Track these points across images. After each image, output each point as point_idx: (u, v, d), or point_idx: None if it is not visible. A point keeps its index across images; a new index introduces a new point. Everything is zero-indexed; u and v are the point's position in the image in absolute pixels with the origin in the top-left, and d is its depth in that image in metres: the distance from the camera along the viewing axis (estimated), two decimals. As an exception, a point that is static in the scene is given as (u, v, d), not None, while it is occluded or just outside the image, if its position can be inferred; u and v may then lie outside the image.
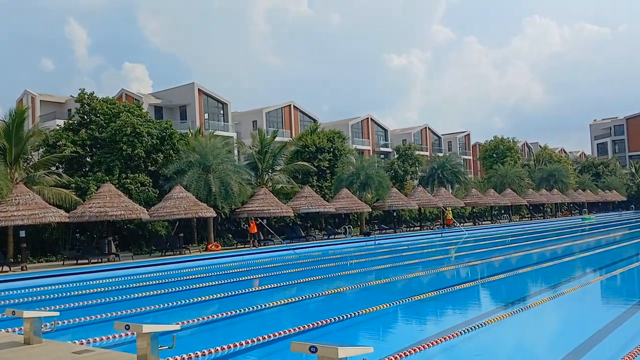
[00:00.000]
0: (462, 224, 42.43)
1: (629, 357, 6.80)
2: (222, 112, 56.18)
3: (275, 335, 8.82)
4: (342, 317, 10.12)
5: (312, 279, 16.79)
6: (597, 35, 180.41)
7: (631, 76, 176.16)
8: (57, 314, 8.20)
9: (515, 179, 54.78)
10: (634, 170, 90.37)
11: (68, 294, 15.36)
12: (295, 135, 52.97)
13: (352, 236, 33.48)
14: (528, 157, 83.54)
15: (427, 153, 79.04)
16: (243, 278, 18.18)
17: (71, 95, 34.55)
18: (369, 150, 74.01)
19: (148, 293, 14.56)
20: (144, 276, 18.64)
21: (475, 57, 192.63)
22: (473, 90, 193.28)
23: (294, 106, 65.99)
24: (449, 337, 8.38)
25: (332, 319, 9.92)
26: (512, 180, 54.31)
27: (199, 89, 53.17)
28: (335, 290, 14.10)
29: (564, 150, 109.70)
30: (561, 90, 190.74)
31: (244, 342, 8.31)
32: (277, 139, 38.67)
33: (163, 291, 14.77)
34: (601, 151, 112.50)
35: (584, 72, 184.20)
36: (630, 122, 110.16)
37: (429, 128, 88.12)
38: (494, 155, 66.10)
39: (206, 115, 53.83)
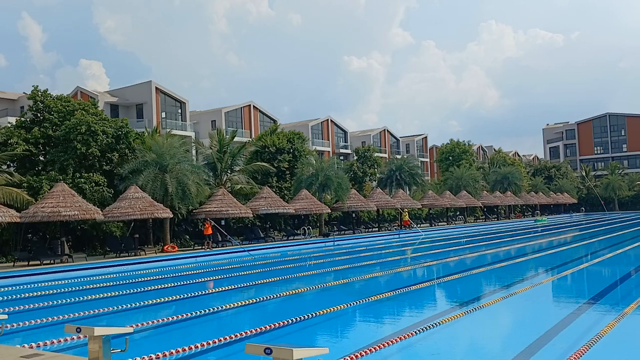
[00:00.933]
0: (418, 225, 43.03)
1: (576, 356, 7.01)
2: (180, 111, 55.45)
3: (232, 338, 8.74)
4: (301, 318, 10.12)
5: (270, 280, 16.74)
6: (551, 42, 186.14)
7: (582, 82, 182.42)
8: (5, 317, 7.91)
9: (470, 181, 55.96)
10: (584, 174, 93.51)
11: (18, 296, 14.86)
12: (254, 136, 52.75)
13: (311, 237, 33.53)
14: (483, 160, 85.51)
15: (386, 155, 79.92)
16: (199, 280, 17.96)
17: (24, 92, 33.46)
18: (329, 151, 74.35)
19: (102, 295, 14.23)
20: (97, 278, 18.20)
21: (433, 61, 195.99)
22: (431, 93, 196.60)
23: (253, 106, 65.70)
24: (405, 336, 8.47)
25: (291, 320, 9.90)
26: (467, 183, 55.46)
27: (156, 88, 52.29)
28: (294, 292, 14.09)
29: (517, 154, 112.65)
30: (515, 95, 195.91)
31: (199, 345, 8.20)
32: (236, 139, 38.44)
33: (117, 293, 14.45)
34: (553, 155, 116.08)
35: (538, 77, 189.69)
36: (581, 126, 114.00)
37: (387, 130, 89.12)
38: (450, 158, 67.37)
39: (163, 114, 53.00)
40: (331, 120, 77.92)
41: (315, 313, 10.53)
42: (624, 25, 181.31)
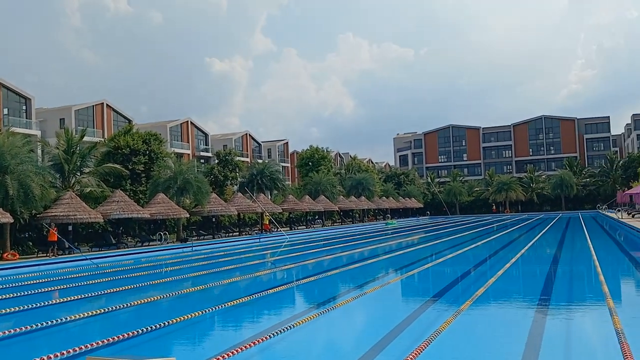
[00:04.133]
0: (278, 229, 43.52)
1: (417, 352, 7.53)
2: (24, 107, 50.96)
3: (79, 350, 8.20)
4: (154, 327, 9.76)
5: (122, 288, 15.92)
6: (402, 56, 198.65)
7: (429, 95, 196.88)
8: None
9: (328, 187, 57.91)
10: (429, 180, 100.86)
11: None
12: (108, 136, 49.98)
13: (168, 243, 32.45)
14: (340, 166, 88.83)
15: (248, 159, 79.88)
16: (44, 289, 16.58)
17: None
18: (189, 154, 72.63)
19: None
20: None
21: (294, 69, 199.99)
22: (293, 100, 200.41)
23: (107, 105, 62.24)
24: (262, 339, 8.53)
25: (144, 329, 9.51)
26: (325, 188, 57.31)
27: (-4, 81, 47.61)
28: (148, 300, 13.53)
29: (371, 161, 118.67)
30: (370, 105, 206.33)
31: (45, 358, 7.58)
32: (86, 138, 36.17)
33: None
34: (403, 162, 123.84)
35: (390, 89, 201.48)
36: (427, 137, 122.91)
37: (249, 135, 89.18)
38: (310, 163, 69.18)
39: (5, 111, 48.42)
40: (191, 122, 76.21)
41: (171, 321, 10.22)
42: (466, 43, 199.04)
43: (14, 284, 17.51)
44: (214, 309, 11.75)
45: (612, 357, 7.08)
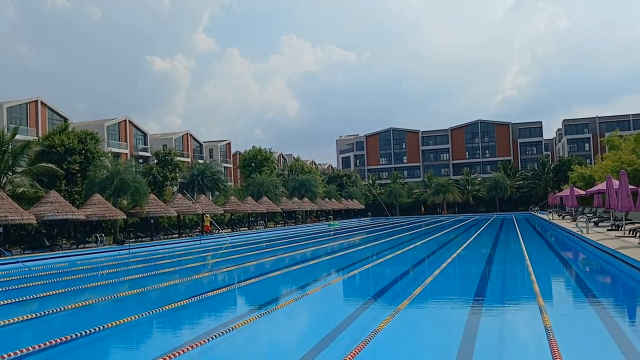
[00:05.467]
0: (219, 231, 43.07)
1: (356, 351, 7.68)
2: (-53, 103, 48.30)
3: (11, 355, 7.90)
4: (90, 331, 9.50)
5: (56, 292, 15.38)
6: (345, 60, 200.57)
7: (371, 99, 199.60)
8: None
9: (271, 188, 57.78)
10: (371, 182, 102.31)
11: None
12: (42, 135, 48.06)
13: (104, 245, 31.52)
14: (283, 167, 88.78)
15: (189, 159, 78.62)
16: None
17: None
18: (127, 154, 70.81)
19: None
20: None
21: (237, 70, 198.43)
22: (236, 100, 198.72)
23: (41, 102, 59.85)
24: (203, 342, 8.46)
25: (79, 334, 9.25)
26: (268, 189, 57.16)
27: None
28: (83, 304, 13.15)
29: (314, 162, 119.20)
30: (313, 107, 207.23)
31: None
32: (18, 137, 34.70)
33: None
34: (345, 164, 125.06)
35: (333, 91, 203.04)
36: (369, 139, 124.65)
37: (190, 134, 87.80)
38: (253, 164, 68.83)
39: None
40: (129, 121, 74.34)
41: (107, 325, 9.98)
42: (408, 49, 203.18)
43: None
44: (152, 312, 11.55)
45: (542, 354, 7.43)
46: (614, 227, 26.62)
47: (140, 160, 71.35)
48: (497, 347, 8.31)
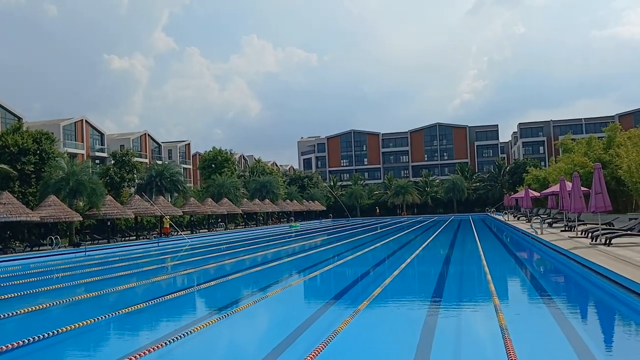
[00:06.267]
0: (179, 233, 42.50)
1: (316, 352, 7.72)
2: None
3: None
4: (44, 335, 9.26)
5: (9, 296, 14.92)
6: (306, 61, 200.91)
7: (332, 100, 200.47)
8: None
9: (232, 189, 57.33)
10: (332, 184, 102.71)
11: None
12: (-8, 134, 46.44)
13: (59, 247, 30.71)
14: (244, 168, 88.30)
15: (147, 160, 77.38)
16: None
17: None
18: (83, 154, 69.21)
19: None
20: None
21: (197, 69, 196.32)
22: (195, 100, 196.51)
23: (-8, 101, 57.92)
24: (160, 345, 8.35)
25: (33, 338, 9.00)
26: (228, 190, 56.69)
27: None
28: (37, 307, 12.79)
29: (275, 164, 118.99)
30: (275, 108, 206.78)
31: None
32: (-33, 136, 33.43)
33: None
34: (307, 166, 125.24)
35: (295, 93, 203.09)
36: (330, 141, 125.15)
37: (149, 134, 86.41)
38: (213, 165, 68.15)
39: None
40: (86, 121, 72.68)
41: (62, 329, 9.74)
42: (369, 52, 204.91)
43: None
44: (108, 316, 11.33)
45: (498, 353, 7.61)
46: (567, 228, 27.45)
47: (97, 161, 69.80)
48: (454, 347, 8.48)
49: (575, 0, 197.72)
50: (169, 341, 8.60)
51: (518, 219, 47.84)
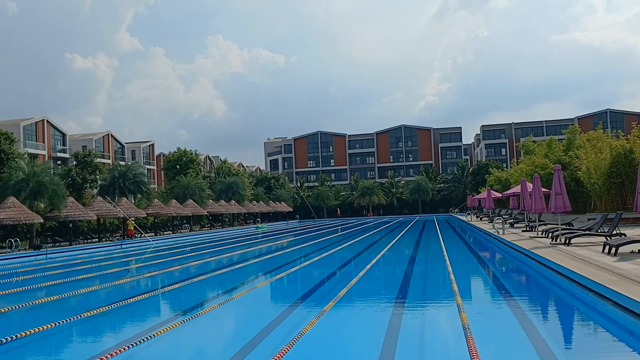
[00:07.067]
0: (143, 235, 41.88)
1: (282, 353, 7.76)
2: None
3: None
4: (3, 340, 9.04)
5: (-36, 301, 14.48)
6: (272, 62, 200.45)
7: (299, 102, 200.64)
8: None
9: (197, 190, 56.76)
10: (299, 185, 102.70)
11: None
12: (-53, 133, 44.94)
13: (19, 250, 29.92)
14: (209, 169, 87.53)
15: (110, 161, 76.04)
16: None
17: None
18: (44, 155, 67.61)
19: None
20: None
21: (162, 70, 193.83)
22: (160, 101, 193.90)
23: (-54, 99, 56.03)
24: (124, 349, 8.25)
25: (-10, 344, 8.78)
26: (193, 192, 56.11)
27: None
28: (-5, 312, 12.46)
29: (242, 165, 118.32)
30: (241, 109, 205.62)
31: None
32: None
33: None
34: (273, 167, 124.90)
35: (261, 94, 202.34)
36: (297, 142, 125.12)
37: (112, 135, 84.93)
38: (177, 166, 67.37)
39: None
40: (47, 121, 71.02)
41: (22, 334, 9.52)
42: (336, 53, 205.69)
43: None
44: (70, 319, 11.11)
45: (461, 351, 7.76)
46: (528, 228, 28.10)
47: (59, 162, 68.24)
48: (418, 345, 8.61)
49: (537, 5, 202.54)
50: (133, 344, 8.50)
51: (481, 219, 48.69)
